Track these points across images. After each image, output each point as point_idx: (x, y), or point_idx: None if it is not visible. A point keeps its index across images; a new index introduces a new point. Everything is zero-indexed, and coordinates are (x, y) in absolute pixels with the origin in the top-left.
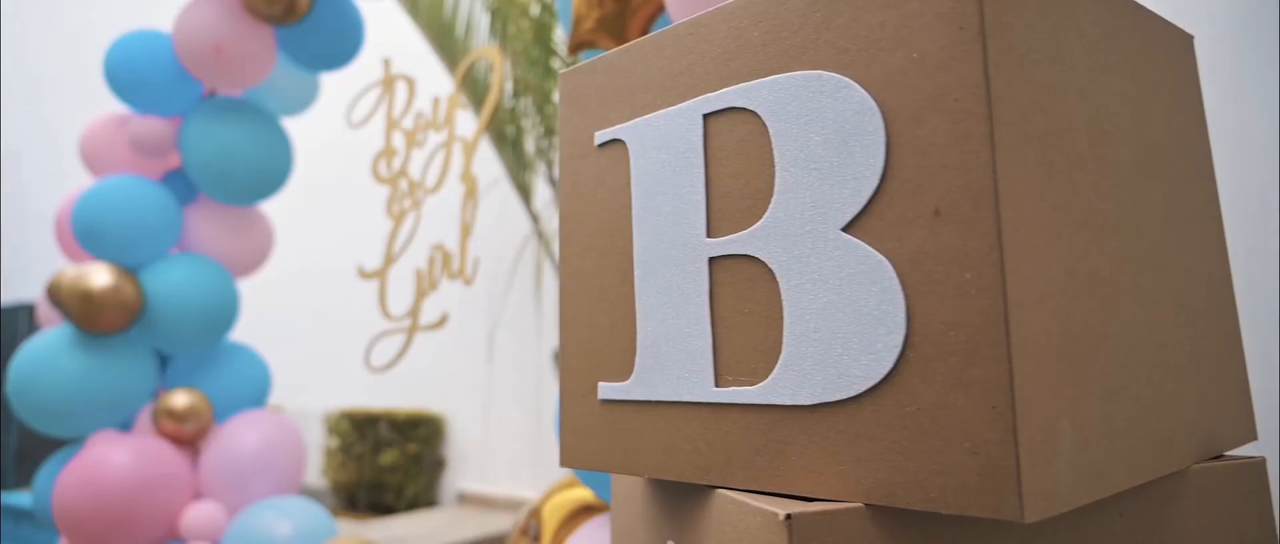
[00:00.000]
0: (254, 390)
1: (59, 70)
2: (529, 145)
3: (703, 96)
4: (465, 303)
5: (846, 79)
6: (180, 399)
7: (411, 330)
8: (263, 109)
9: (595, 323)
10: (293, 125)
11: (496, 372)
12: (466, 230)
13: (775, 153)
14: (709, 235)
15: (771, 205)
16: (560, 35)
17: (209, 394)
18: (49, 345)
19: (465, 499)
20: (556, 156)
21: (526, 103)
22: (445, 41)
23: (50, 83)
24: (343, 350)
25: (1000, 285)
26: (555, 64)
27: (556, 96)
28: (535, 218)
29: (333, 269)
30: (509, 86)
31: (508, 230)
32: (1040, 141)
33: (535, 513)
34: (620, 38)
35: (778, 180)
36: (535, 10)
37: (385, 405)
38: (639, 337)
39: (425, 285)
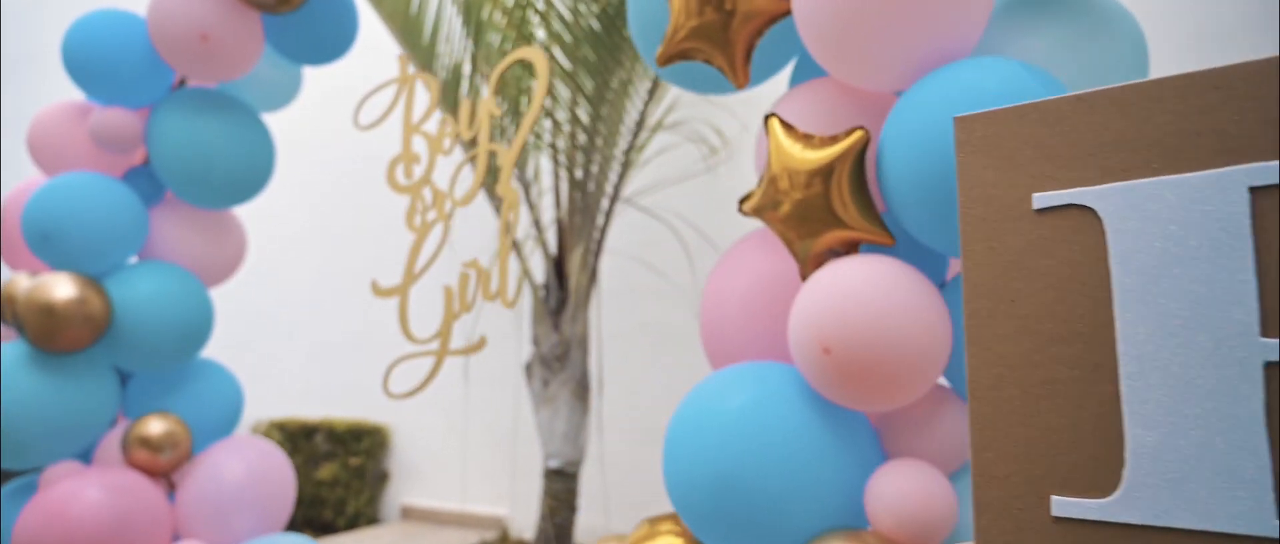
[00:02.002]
0: (226, 413)
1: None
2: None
3: (1247, 166)
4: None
5: None
6: (155, 426)
7: (440, 355)
8: (242, 103)
9: (1042, 422)
10: None
11: (450, 380)
12: (506, 248)
13: None
14: (1263, 334)
15: None
16: (543, 33)
17: (183, 413)
18: (2, 368)
19: (410, 514)
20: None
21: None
22: (413, 37)
23: None
24: (272, 354)
25: None
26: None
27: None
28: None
29: (262, 267)
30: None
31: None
32: None
33: None
34: (725, 49)
35: None
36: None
37: (322, 415)
38: (1129, 445)
39: (456, 306)
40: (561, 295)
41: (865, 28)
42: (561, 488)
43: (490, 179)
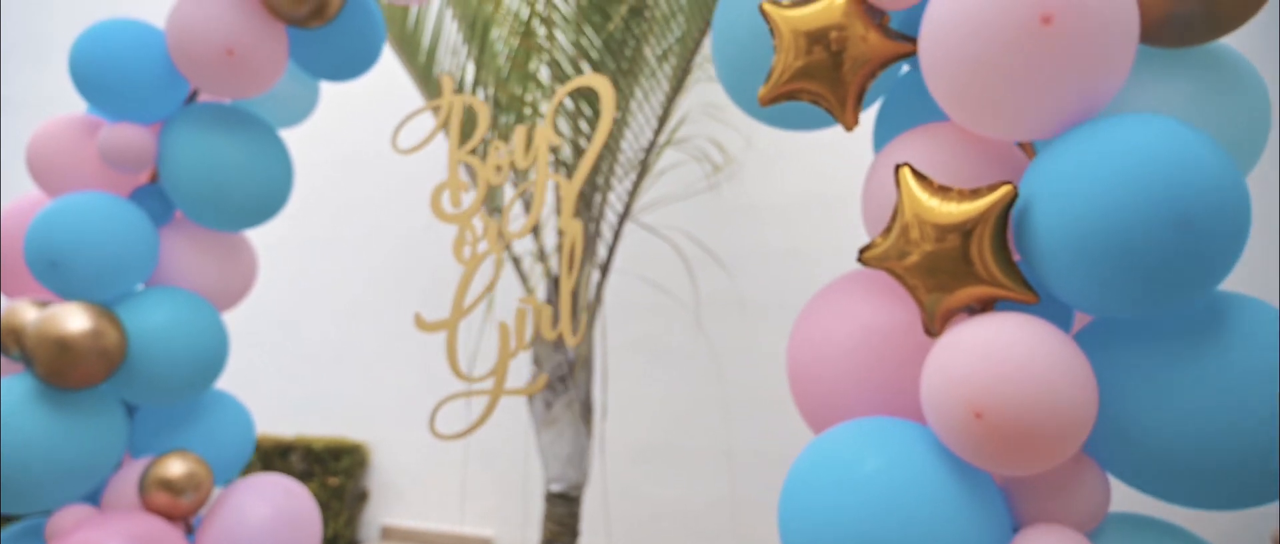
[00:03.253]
0: (240, 449)
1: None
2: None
3: None
4: (395, 320)
5: None
6: (176, 467)
7: (495, 394)
8: (259, 119)
9: None
10: None
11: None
12: (571, 284)
13: None
14: None
15: None
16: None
17: (195, 450)
18: (5, 407)
19: (391, 535)
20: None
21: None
22: (410, 51)
23: None
24: (244, 369)
25: None
26: (541, 75)
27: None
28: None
29: None
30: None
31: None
32: None
33: None
34: (836, 89)
35: None
36: (524, 12)
37: (297, 433)
38: None
39: (513, 343)
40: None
41: (1009, 77)
42: (564, 512)
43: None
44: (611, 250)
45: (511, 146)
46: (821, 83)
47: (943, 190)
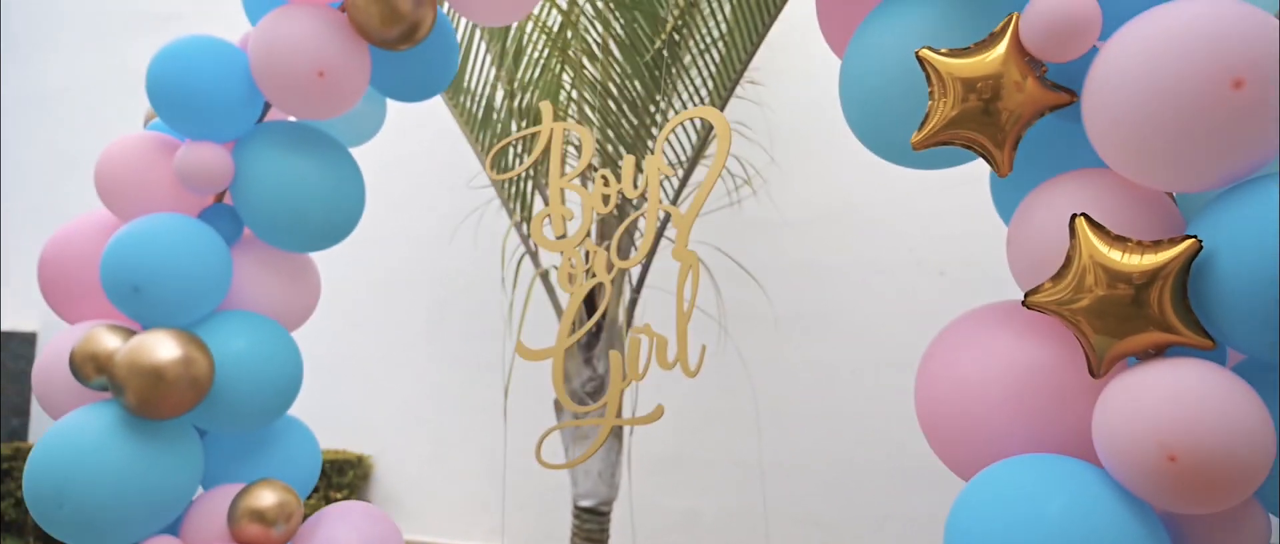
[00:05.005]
0: (309, 475)
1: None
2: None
3: None
4: (398, 331)
5: None
6: (268, 497)
7: (608, 423)
8: (333, 139)
9: None
10: None
11: (437, 407)
12: (686, 316)
13: None
14: None
15: None
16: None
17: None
18: (90, 439)
19: None
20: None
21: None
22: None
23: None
24: None
25: None
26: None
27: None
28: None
29: None
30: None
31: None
32: None
33: None
34: (993, 136)
35: None
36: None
37: None
38: None
39: (627, 373)
40: (591, 329)
41: (1192, 137)
42: (594, 527)
43: (525, 213)
44: (645, 267)
45: (618, 175)
46: (979, 130)
47: (1120, 240)
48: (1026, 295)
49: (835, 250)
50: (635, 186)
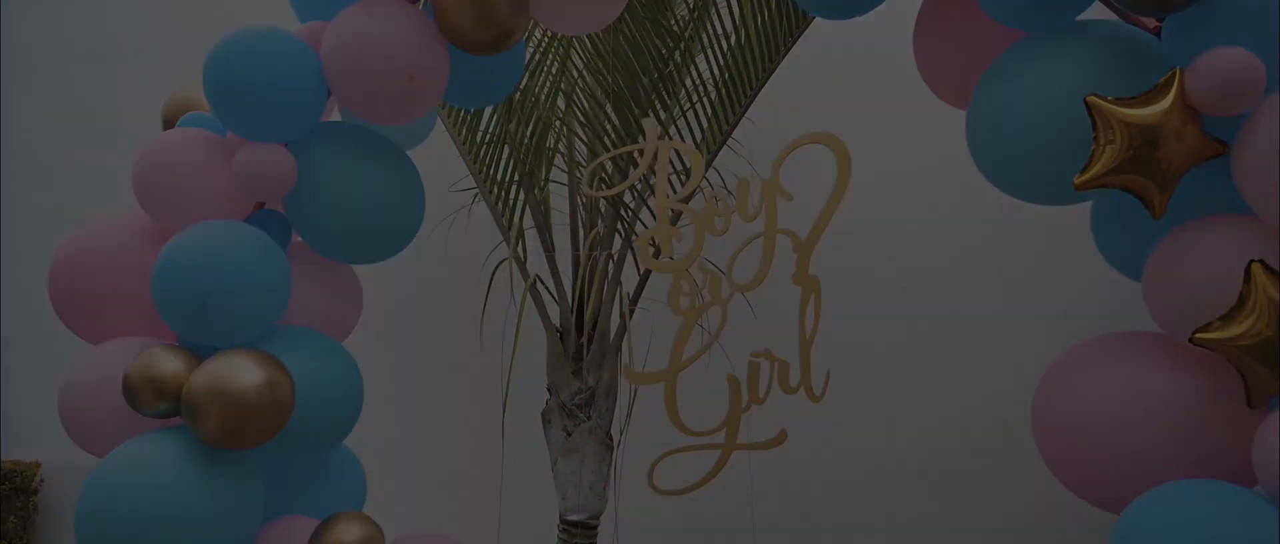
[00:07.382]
0: (359, 502)
1: None
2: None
3: None
4: (381, 343)
5: None
6: (353, 532)
7: (727, 450)
8: (396, 146)
9: None
10: None
11: (422, 422)
12: (809, 342)
13: None
14: None
15: None
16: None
17: (314, 513)
18: (167, 478)
19: None
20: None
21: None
22: None
23: None
24: None
25: None
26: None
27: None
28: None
29: None
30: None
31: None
32: None
33: None
34: (1157, 180)
35: None
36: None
37: None
38: None
39: (746, 398)
40: (579, 341)
41: None
42: (583, 541)
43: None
44: (642, 283)
45: (733, 198)
46: (1143, 174)
47: None
48: (1195, 332)
49: (826, 264)
50: (750, 210)
